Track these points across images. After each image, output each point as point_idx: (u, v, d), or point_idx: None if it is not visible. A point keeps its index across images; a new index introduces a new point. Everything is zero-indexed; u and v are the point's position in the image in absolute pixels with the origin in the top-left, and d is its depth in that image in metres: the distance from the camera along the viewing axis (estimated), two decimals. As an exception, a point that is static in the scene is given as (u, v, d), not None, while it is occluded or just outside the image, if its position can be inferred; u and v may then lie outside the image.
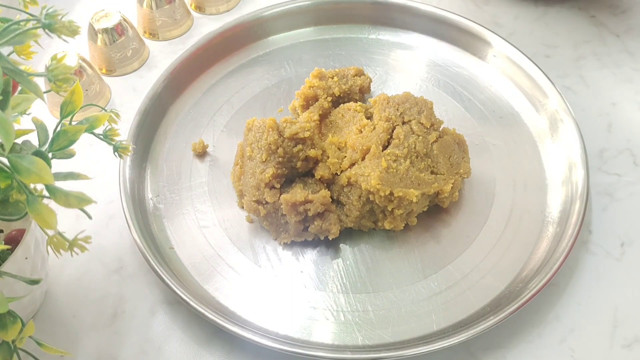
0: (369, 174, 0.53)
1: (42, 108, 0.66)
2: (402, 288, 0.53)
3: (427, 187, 0.54)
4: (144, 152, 0.62)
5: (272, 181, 0.54)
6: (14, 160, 0.34)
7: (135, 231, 0.54)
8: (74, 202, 0.36)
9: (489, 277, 0.53)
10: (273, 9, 0.72)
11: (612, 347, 0.50)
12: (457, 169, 0.57)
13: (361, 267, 0.55)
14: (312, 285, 0.54)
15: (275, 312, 0.52)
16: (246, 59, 0.71)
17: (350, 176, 0.55)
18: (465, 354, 0.50)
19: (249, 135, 0.56)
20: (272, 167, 0.54)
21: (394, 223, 0.55)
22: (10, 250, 0.44)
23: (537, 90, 0.64)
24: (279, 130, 0.54)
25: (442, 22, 0.70)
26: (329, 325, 0.51)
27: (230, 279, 0.54)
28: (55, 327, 0.52)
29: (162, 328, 0.52)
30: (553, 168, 0.60)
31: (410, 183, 0.54)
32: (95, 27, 0.68)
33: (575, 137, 0.59)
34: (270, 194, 0.54)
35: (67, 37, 0.36)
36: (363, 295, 0.53)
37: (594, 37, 0.73)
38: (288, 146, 0.54)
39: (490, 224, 0.57)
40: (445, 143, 0.57)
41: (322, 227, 0.54)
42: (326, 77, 0.63)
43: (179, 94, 0.67)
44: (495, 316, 0.49)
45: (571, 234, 0.53)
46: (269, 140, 0.54)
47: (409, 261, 0.55)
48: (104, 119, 0.45)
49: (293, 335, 0.50)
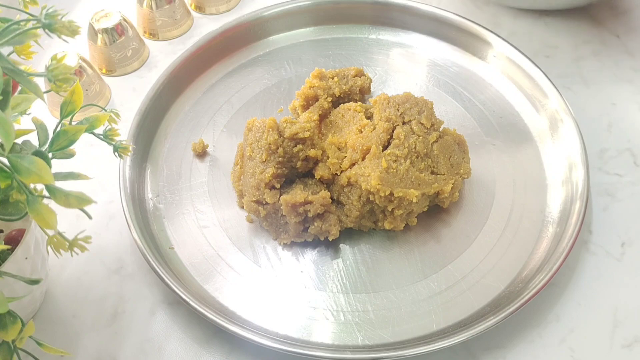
0: (369, 174, 0.53)
1: (42, 108, 0.66)
2: (402, 288, 0.53)
3: (427, 188, 0.54)
4: (144, 152, 0.62)
5: (272, 181, 0.54)
6: (14, 160, 0.34)
7: (135, 231, 0.54)
8: (74, 202, 0.36)
9: (489, 277, 0.53)
10: (273, 9, 0.72)
11: (612, 347, 0.50)
12: (457, 169, 0.57)
13: (361, 267, 0.55)
14: (312, 285, 0.54)
15: (275, 312, 0.52)
16: (246, 59, 0.71)
17: (351, 176, 0.55)
18: (465, 354, 0.50)
19: (249, 136, 0.56)
20: (272, 167, 0.54)
21: (394, 223, 0.55)
22: (10, 250, 0.44)
23: (537, 90, 0.64)
24: (279, 130, 0.54)
25: (442, 22, 0.70)
26: (329, 325, 0.51)
27: (230, 279, 0.54)
28: (55, 327, 0.52)
29: (162, 328, 0.52)
30: (553, 168, 0.60)
31: (410, 183, 0.54)
32: (95, 27, 0.68)
33: (575, 137, 0.59)
34: (270, 194, 0.54)
35: (67, 37, 0.36)
36: (363, 295, 0.53)
37: (594, 38, 0.72)
38: (288, 146, 0.54)
39: (490, 224, 0.57)
40: (445, 143, 0.57)
41: (322, 228, 0.54)
42: (326, 77, 0.63)
43: (179, 93, 0.67)
44: (495, 316, 0.49)
45: (571, 234, 0.53)
46: (269, 140, 0.54)
47: (409, 261, 0.55)
48: (104, 119, 0.45)
49: (293, 335, 0.50)
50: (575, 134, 0.59)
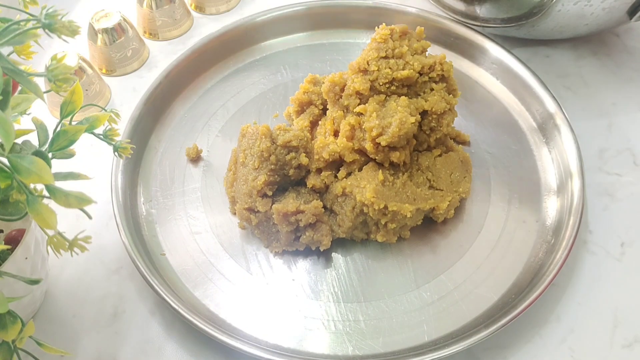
0: (365, 185, 0.53)
1: (42, 108, 0.66)
2: (394, 298, 0.53)
3: (423, 203, 0.54)
4: (137, 156, 0.62)
5: (264, 188, 0.54)
6: (14, 160, 0.34)
7: (127, 237, 0.54)
8: (74, 202, 0.36)
9: (482, 287, 0.53)
10: (270, 13, 0.71)
11: (612, 347, 0.50)
12: (457, 186, 0.56)
13: (353, 275, 0.54)
14: (303, 294, 0.53)
15: (266, 320, 0.52)
16: (242, 63, 0.71)
17: (345, 186, 0.54)
18: (466, 354, 0.50)
19: (243, 142, 0.56)
20: (264, 174, 0.54)
21: (387, 236, 0.54)
22: (10, 250, 0.44)
23: (533, 97, 0.63)
24: (272, 137, 0.54)
25: (437, 27, 0.69)
26: (319, 334, 0.51)
27: (221, 286, 0.54)
28: (55, 327, 0.52)
29: (162, 328, 0.52)
30: (549, 175, 0.59)
31: (405, 197, 0.53)
32: (95, 27, 0.68)
33: (570, 143, 0.59)
34: (262, 202, 0.54)
35: (67, 37, 0.36)
36: (355, 304, 0.52)
37: (594, 37, 0.72)
38: (281, 154, 0.54)
39: (484, 234, 0.56)
40: (449, 159, 0.57)
41: (314, 238, 0.54)
42: (320, 82, 0.62)
43: (174, 97, 0.67)
44: (486, 328, 0.48)
45: (569, 236, 0.53)
46: (262, 148, 0.54)
47: (401, 270, 0.54)
48: (104, 119, 0.45)
49: (283, 345, 0.50)
50: (570, 140, 0.59)
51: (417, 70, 0.55)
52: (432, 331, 0.50)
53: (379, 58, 0.55)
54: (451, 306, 0.52)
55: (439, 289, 0.53)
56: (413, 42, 0.57)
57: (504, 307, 0.51)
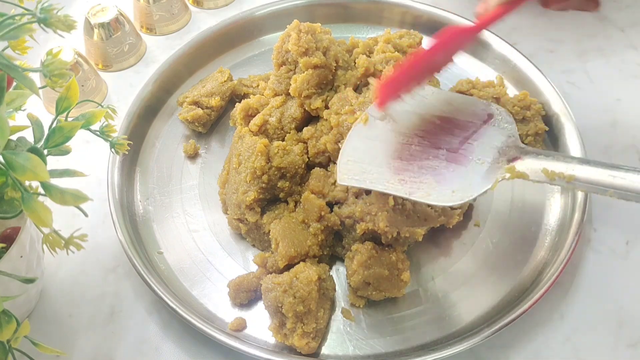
0: (376, 212, 0.50)
1: (37, 104, 0.65)
2: (395, 298, 0.52)
3: (434, 222, 0.52)
4: (134, 153, 0.61)
5: (253, 204, 0.53)
6: (9, 157, 0.34)
7: (123, 236, 0.53)
8: (70, 200, 0.36)
9: (485, 286, 0.52)
10: (269, 7, 0.71)
11: (616, 346, 0.50)
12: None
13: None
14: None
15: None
16: (241, 58, 0.71)
17: (355, 212, 0.51)
18: (468, 354, 0.49)
19: (238, 144, 0.55)
20: (255, 191, 0.53)
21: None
22: (5, 249, 0.44)
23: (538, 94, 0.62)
24: (268, 155, 0.53)
25: (439, 21, 0.69)
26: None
27: (219, 285, 0.53)
28: (50, 326, 0.52)
29: (160, 327, 0.52)
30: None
31: (417, 219, 0.51)
32: (92, 21, 0.68)
33: (575, 140, 0.58)
34: (251, 214, 0.53)
35: (62, 31, 0.36)
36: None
37: (599, 32, 0.72)
38: (274, 175, 0.53)
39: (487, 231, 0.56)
40: None
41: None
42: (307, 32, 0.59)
43: (170, 94, 0.67)
44: (489, 327, 0.48)
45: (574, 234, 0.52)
46: (256, 165, 0.53)
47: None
48: (100, 115, 0.45)
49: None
50: (575, 137, 0.58)
51: None
52: (434, 330, 0.50)
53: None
54: (453, 305, 0.52)
55: (440, 287, 0.53)
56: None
57: (507, 306, 0.50)
